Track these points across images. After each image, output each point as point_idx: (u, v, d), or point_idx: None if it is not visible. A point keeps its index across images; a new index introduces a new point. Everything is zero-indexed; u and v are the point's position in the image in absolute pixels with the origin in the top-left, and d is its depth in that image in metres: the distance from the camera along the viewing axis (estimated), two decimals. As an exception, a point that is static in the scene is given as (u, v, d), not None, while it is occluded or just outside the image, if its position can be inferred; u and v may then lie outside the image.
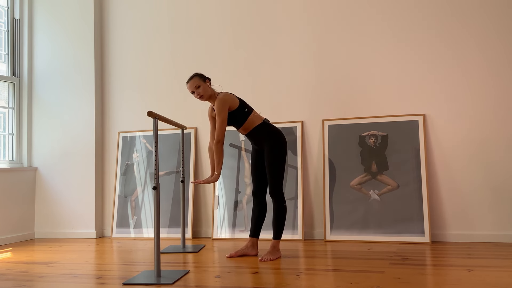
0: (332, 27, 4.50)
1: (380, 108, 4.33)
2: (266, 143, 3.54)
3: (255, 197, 3.69)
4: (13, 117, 5.07)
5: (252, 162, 3.70)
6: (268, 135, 3.55)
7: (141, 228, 4.77)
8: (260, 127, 3.57)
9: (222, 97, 3.52)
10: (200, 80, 3.57)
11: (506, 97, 4.02)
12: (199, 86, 3.55)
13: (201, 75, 3.62)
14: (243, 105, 3.57)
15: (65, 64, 5.11)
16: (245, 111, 3.56)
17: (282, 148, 3.55)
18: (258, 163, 3.66)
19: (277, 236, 3.55)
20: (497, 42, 4.06)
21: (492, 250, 3.61)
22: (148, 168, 4.88)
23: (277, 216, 3.54)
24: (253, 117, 3.58)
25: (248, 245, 3.64)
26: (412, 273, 2.91)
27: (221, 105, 3.48)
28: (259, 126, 3.57)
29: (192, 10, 4.92)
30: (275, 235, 3.55)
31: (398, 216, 4.11)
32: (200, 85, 3.56)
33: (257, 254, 3.63)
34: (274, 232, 3.56)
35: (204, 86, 3.57)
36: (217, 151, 3.46)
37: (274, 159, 3.52)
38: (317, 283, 2.74)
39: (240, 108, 3.54)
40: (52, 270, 3.34)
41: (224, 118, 3.46)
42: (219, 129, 3.45)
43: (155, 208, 3.01)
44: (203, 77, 3.60)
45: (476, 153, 4.07)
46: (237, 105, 3.53)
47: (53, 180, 5.06)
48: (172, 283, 2.83)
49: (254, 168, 3.69)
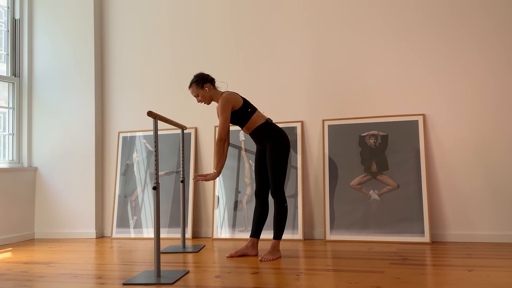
0: (332, 27, 4.49)
1: (380, 108, 4.33)
2: (269, 143, 3.54)
3: (258, 197, 3.69)
4: (13, 117, 5.07)
5: (256, 163, 3.70)
6: (271, 135, 3.55)
7: (141, 228, 4.77)
8: (263, 127, 3.57)
9: (225, 96, 3.53)
10: (197, 89, 3.61)
11: (506, 97, 4.02)
12: (197, 95, 3.62)
13: (198, 81, 3.61)
14: (246, 104, 3.57)
15: (65, 64, 5.11)
16: (248, 110, 3.56)
17: (284, 148, 3.54)
18: (262, 163, 3.66)
19: (278, 236, 3.55)
20: (497, 42, 4.06)
21: (492, 250, 3.61)
22: (148, 168, 4.88)
23: (278, 217, 3.54)
24: (256, 117, 3.58)
25: (248, 245, 3.64)
26: (412, 273, 2.91)
27: (224, 105, 3.49)
28: (262, 125, 3.57)
29: (192, 11, 4.92)
30: (276, 235, 3.55)
31: (398, 216, 4.11)
32: (198, 93, 3.61)
33: (257, 254, 3.63)
34: (274, 232, 3.56)
35: (202, 93, 3.60)
36: (217, 149, 3.48)
37: (276, 159, 3.51)
38: (317, 283, 2.74)
39: (243, 107, 3.54)
40: (52, 270, 3.34)
41: (226, 117, 3.47)
42: (221, 128, 3.47)
43: (155, 208, 3.01)
44: (200, 84, 3.60)
45: (476, 153, 4.07)
46: (241, 104, 3.54)
47: (53, 180, 5.06)
48: (172, 283, 2.83)
49: (258, 169, 3.69)
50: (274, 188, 3.52)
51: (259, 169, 3.68)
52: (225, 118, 3.47)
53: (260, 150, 3.67)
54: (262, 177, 3.67)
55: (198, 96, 3.62)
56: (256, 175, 3.71)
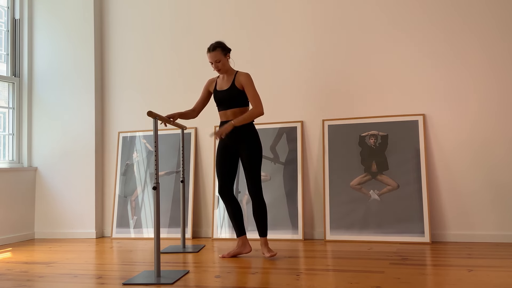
0: (332, 27, 4.49)
1: (380, 108, 4.33)
2: (250, 140, 3.54)
3: (225, 195, 3.61)
4: (13, 117, 5.07)
5: (222, 158, 3.60)
6: (254, 132, 3.58)
7: (141, 228, 4.77)
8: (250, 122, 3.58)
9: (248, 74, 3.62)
10: (221, 55, 3.57)
11: (506, 97, 4.02)
12: (219, 61, 3.57)
13: (224, 47, 3.59)
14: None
15: (65, 64, 5.11)
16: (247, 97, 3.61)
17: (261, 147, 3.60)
18: (230, 159, 3.60)
19: (266, 232, 3.57)
20: (500, 40, 4.05)
21: (492, 250, 3.61)
22: (148, 168, 4.88)
23: (263, 214, 3.55)
24: (249, 108, 3.61)
25: (239, 245, 3.63)
26: (412, 273, 2.91)
27: (251, 79, 3.59)
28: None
29: (192, 11, 4.92)
30: (265, 232, 3.57)
31: (398, 216, 4.11)
32: (221, 59, 3.57)
33: (250, 251, 3.63)
34: (263, 229, 3.56)
35: (224, 61, 3.58)
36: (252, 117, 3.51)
37: (258, 157, 3.54)
38: (317, 283, 2.74)
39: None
40: (52, 270, 3.34)
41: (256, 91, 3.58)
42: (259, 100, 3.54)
43: (155, 208, 3.01)
44: (225, 50, 3.59)
45: (476, 153, 4.07)
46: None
47: (53, 180, 5.06)
48: (172, 283, 2.83)
49: (224, 164, 3.60)
50: (257, 186, 3.53)
51: (225, 164, 3.60)
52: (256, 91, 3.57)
53: (228, 145, 3.59)
54: (227, 172, 3.60)
55: (219, 62, 3.55)
56: (222, 171, 3.60)
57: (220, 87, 3.65)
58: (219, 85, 3.67)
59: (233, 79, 3.60)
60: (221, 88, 3.63)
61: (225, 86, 3.61)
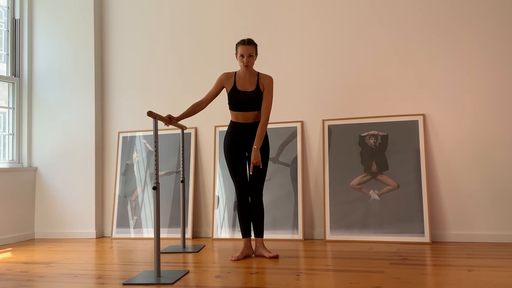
0: (332, 27, 4.49)
1: (380, 108, 4.33)
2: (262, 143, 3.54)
3: (246, 201, 3.59)
4: (13, 117, 5.07)
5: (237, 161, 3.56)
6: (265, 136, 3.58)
7: (141, 228, 4.77)
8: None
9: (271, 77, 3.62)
10: (255, 50, 3.58)
11: (506, 97, 4.02)
12: (252, 55, 3.55)
13: (256, 46, 3.60)
14: None
15: (65, 64, 5.11)
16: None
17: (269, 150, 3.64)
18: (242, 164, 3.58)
19: (263, 233, 3.61)
20: (499, 41, 4.05)
21: (492, 250, 3.61)
22: (148, 168, 4.88)
23: (262, 214, 3.59)
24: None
25: (248, 245, 3.62)
26: (412, 273, 2.91)
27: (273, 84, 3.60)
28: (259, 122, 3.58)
29: (192, 11, 4.92)
30: (262, 233, 3.59)
31: (398, 216, 4.11)
32: (253, 54, 3.56)
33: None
34: (261, 231, 3.58)
35: (254, 58, 3.58)
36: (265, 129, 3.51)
37: (267, 160, 3.59)
38: (317, 283, 2.74)
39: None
40: (52, 270, 3.34)
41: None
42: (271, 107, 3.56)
43: (155, 208, 3.01)
44: (257, 49, 3.61)
45: (476, 153, 4.06)
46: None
47: (53, 180, 5.06)
48: (172, 283, 2.83)
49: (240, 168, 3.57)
50: (261, 188, 3.57)
51: (241, 167, 3.58)
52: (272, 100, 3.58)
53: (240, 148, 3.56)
54: (243, 178, 3.59)
55: (252, 57, 3.54)
56: (239, 175, 3.57)
57: (242, 88, 3.56)
58: (241, 85, 3.57)
59: (257, 81, 3.57)
60: (244, 89, 3.55)
61: (249, 88, 3.55)
